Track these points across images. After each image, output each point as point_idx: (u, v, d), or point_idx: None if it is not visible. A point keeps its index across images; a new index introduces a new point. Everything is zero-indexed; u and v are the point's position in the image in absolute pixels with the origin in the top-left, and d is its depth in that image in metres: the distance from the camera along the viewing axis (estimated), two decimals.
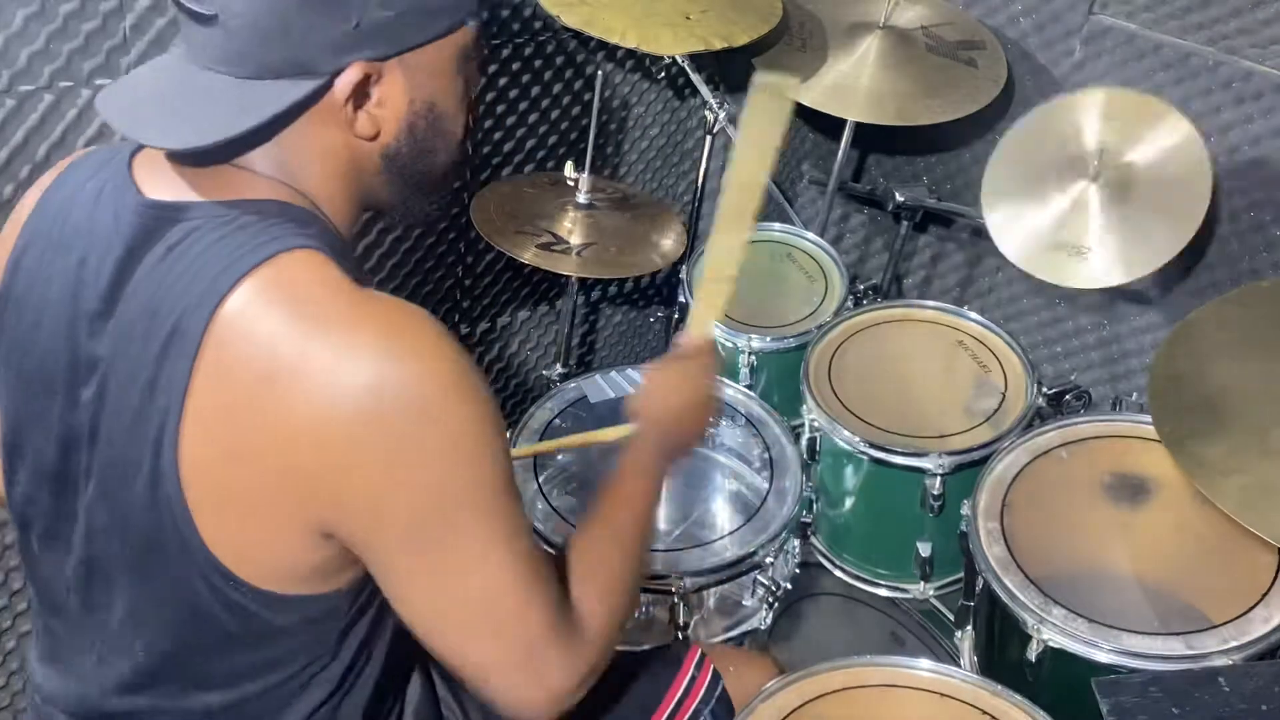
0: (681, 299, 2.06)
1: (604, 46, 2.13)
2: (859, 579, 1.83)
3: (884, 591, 1.81)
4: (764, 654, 1.56)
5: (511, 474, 0.95)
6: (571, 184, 1.98)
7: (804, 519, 1.82)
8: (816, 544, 1.86)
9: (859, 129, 2.12)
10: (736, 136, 1.27)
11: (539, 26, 2.01)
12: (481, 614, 0.94)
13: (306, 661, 1.01)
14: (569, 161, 1.97)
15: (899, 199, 2.18)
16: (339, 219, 1.01)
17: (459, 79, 1.03)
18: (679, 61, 2.10)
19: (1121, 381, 2.15)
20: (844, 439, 1.71)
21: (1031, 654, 1.35)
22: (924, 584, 1.77)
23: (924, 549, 1.72)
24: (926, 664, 1.30)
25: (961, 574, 1.59)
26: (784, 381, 1.93)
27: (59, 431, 0.98)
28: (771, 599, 1.58)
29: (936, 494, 1.66)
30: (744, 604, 1.61)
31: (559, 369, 2.15)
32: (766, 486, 1.68)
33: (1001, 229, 1.85)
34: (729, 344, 1.95)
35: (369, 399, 0.86)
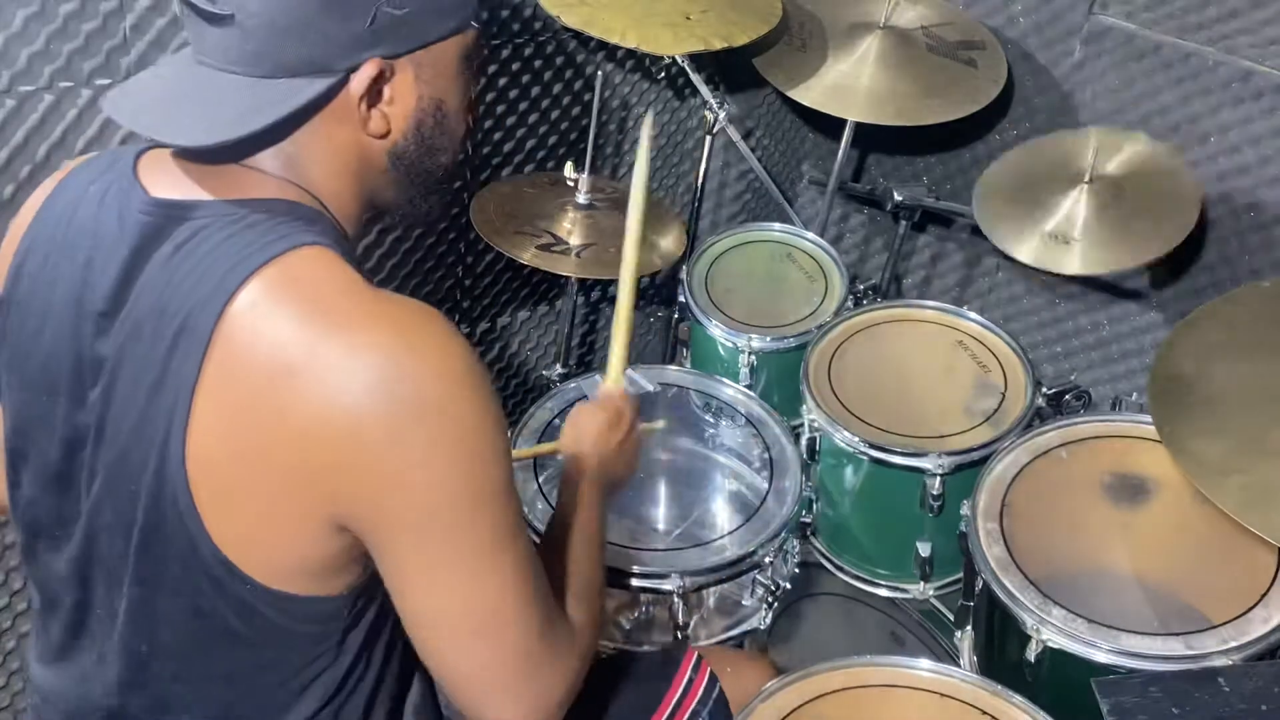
0: (681, 299, 2.06)
1: (604, 46, 2.13)
2: (859, 579, 1.83)
3: (884, 591, 1.81)
4: (761, 655, 1.57)
5: (512, 474, 0.96)
6: (571, 184, 1.97)
7: (804, 519, 1.83)
8: (816, 544, 1.86)
9: (859, 129, 2.13)
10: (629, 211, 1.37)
11: (539, 26, 2.01)
12: (479, 614, 0.94)
13: (307, 663, 1.01)
14: (569, 161, 1.97)
15: (898, 198, 2.18)
16: (345, 218, 1.02)
17: (463, 78, 1.04)
18: (679, 61, 2.11)
19: (1121, 381, 2.16)
20: (844, 439, 1.71)
21: (1031, 654, 1.35)
22: (924, 584, 1.77)
23: (924, 549, 1.72)
24: (926, 664, 1.30)
25: (961, 574, 1.59)
26: (784, 381, 1.93)
27: (63, 433, 0.98)
28: (771, 599, 1.59)
29: (936, 494, 1.67)
30: (744, 604, 1.61)
31: (559, 369, 2.15)
32: (766, 486, 1.68)
33: (991, 222, 1.88)
34: (729, 344, 1.95)
35: (380, 396, 0.87)
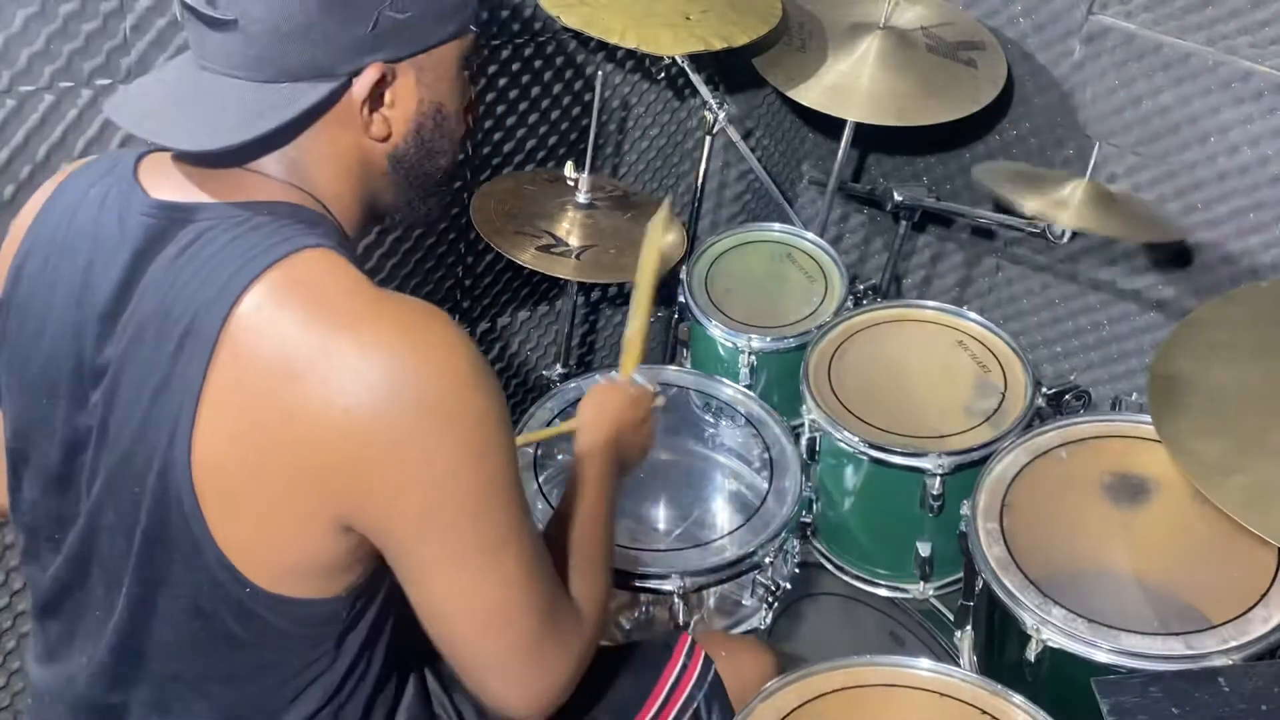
0: (681, 299, 2.06)
1: (604, 47, 2.13)
2: (859, 579, 1.83)
3: (884, 591, 1.81)
4: (754, 638, 1.56)
5: (518, 469, 0.97)
6: (571, 184, 1.98)
7: (804, 519, 1.83)
8: (816, 544, 1.86)
9: (859, 129, 2.13)
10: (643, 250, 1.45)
11: (539, 27, 2.01)
12: (490, 604, 0.95)
13: (306, 664, 1.02)
14: (569, 162, 1.97)
15: (897, 198, 2.18)
16: (346, 220, 1.02)
17: (462, 81, 1.05)
18: (679, 62, 2.10)
19: (1121, 381, 2.16)
20: (844, 439, 1.71)
21: (1031, 654, 1.35)
22: (924, 584, 1.77)
23: (924, 549, 1.72)
24: (926, 664, 1.30)
25: (961, 574, 1.59)
26: (784, 381, 1.93)
27: (64, 435, 0.98)
28: (771, 599, 1.59)
29: (936, 494, 1.67)
30: (744, 604, 1.61)
31: (559, 369, 2.15)
32: (766, 486, 1.68)
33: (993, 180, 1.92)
34: (729, 344, 1.95)
35: (386, 396, 0.87)
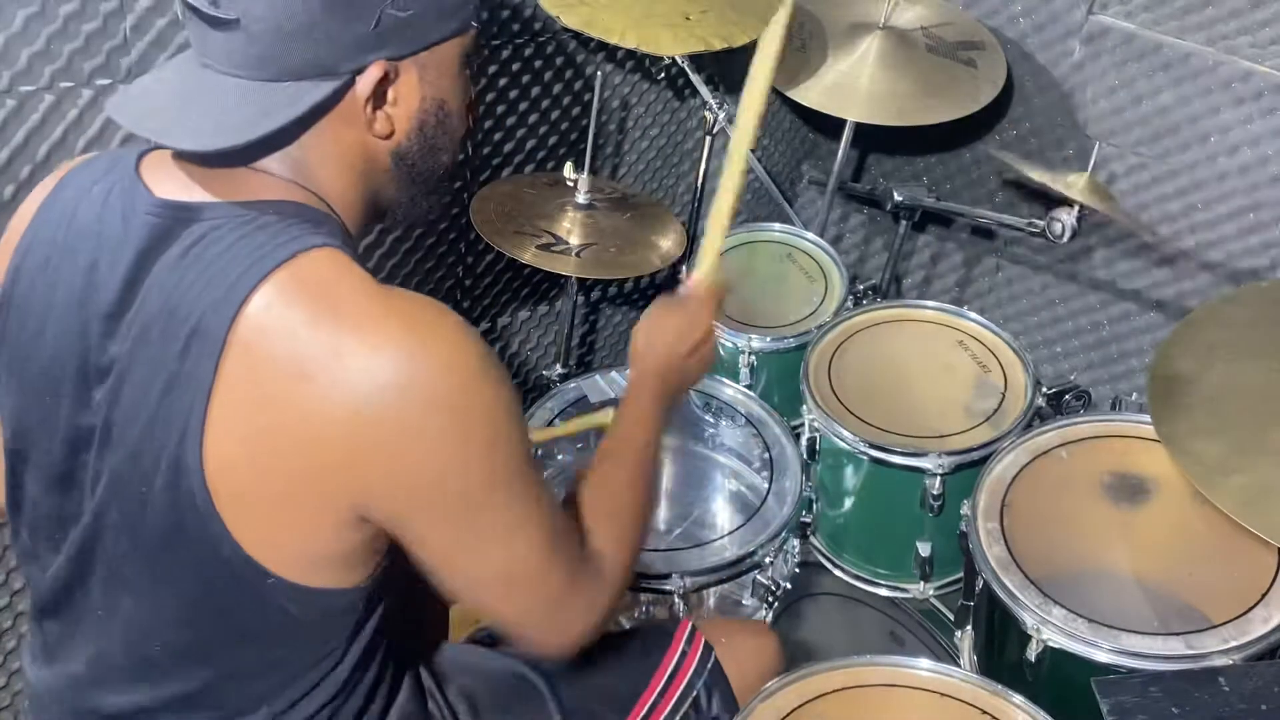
0: None
1: (604, 47, 2.13)
2: (859, 579, 1.83)
3: (884, 591, 1.81)
4: (756, 622, 1.56)
5: (529, 448, 0.99)
6: (571, 184, 1.97)
7: (804, 519, 1.82)
8: (816, 544, 1.86)
9: (859, 129, 2.13)
10: (750, 75, 1.29)
11: (539, 27, 2.01)
12: (512, 576, 1.00)
13: (315, 660, 1.02)
14: (569, 162, 1.96)
15: (898, 198, 2.18)
16: (349, 218, 1.02)
17: (464, 78, 1.05)
18: (679, 62, 2.10)
19: (1121, 381, 2.16)
20: (844, 439, 1.71)
21: (1031, 654, 1.35)
22: (924, 584, 1.77)
23: (924, 549, 1.72)
24: (926, 664, 1.30)
25: (961, 574, 1.59)
26: (784, 381, 1.93)
27: (66, 433, 0.98)
28: (771, 598, 1.59)
29: (936, 494, 1.66)
30: (744, 603, 1.61)
31: (559, 369, 2.15)
32: (766, 486, 1.68)
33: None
34: (729, 344, 1.95)
35: (397, 393, 0.88)
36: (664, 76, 2.26)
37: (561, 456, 1.72)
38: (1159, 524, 1.49)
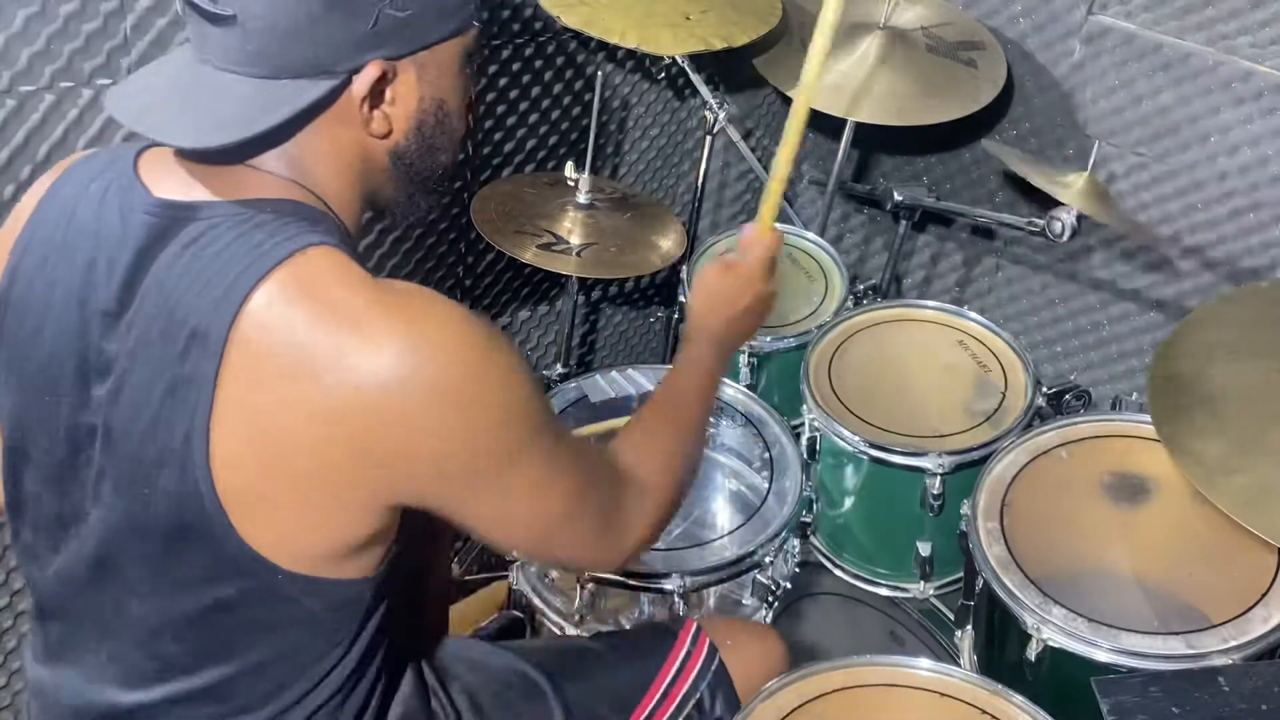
0: (681, 299, 2.06)
1: (604, 47, 2.13)
2: (859, 578, 1.82)
3: (884, 591, 1.81)
4: (760, 623, 1.57)
5: (545, 405, 1.00)
6: (571, 184, 1.98)
7: (804, 519, 1.83)
8: (816, 543, 1.86)
9: (859, 129, 2.12)
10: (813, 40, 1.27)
11: (539, 27, 2.01)
12: (552, 522, 1.03)
13: (324, 652, 1.03)
14: (569, 161, 1.97)
15: (898, 198, 2.18)
16: (347, 216, 1.02)
17: (464, 78, 1.05)
18: (679, 62, 2.11)
19: (1121, 381, 2.16)
20: (844, 438, 1.71)
21: (1031, 653, 1.35)
22: (924, 583, 1.77)
23: (924, 549, 1.72)
24: (926, 664, 1.30)
25: (961, 574, 1.59)
26: (784, 381, 1.93)
27: (66, 432, 0.98)
28: (771, 598, 1.59)
29: (936, 494, 1.66)
30: (744, 603, 1.61)
31: (559, 369, 2.15)
32: (766, 486, 1.68)
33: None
34: None
35: (407, 386, 0.89)
36: (664, 76, 2.26)
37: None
38: (1159, 524, 1.49)
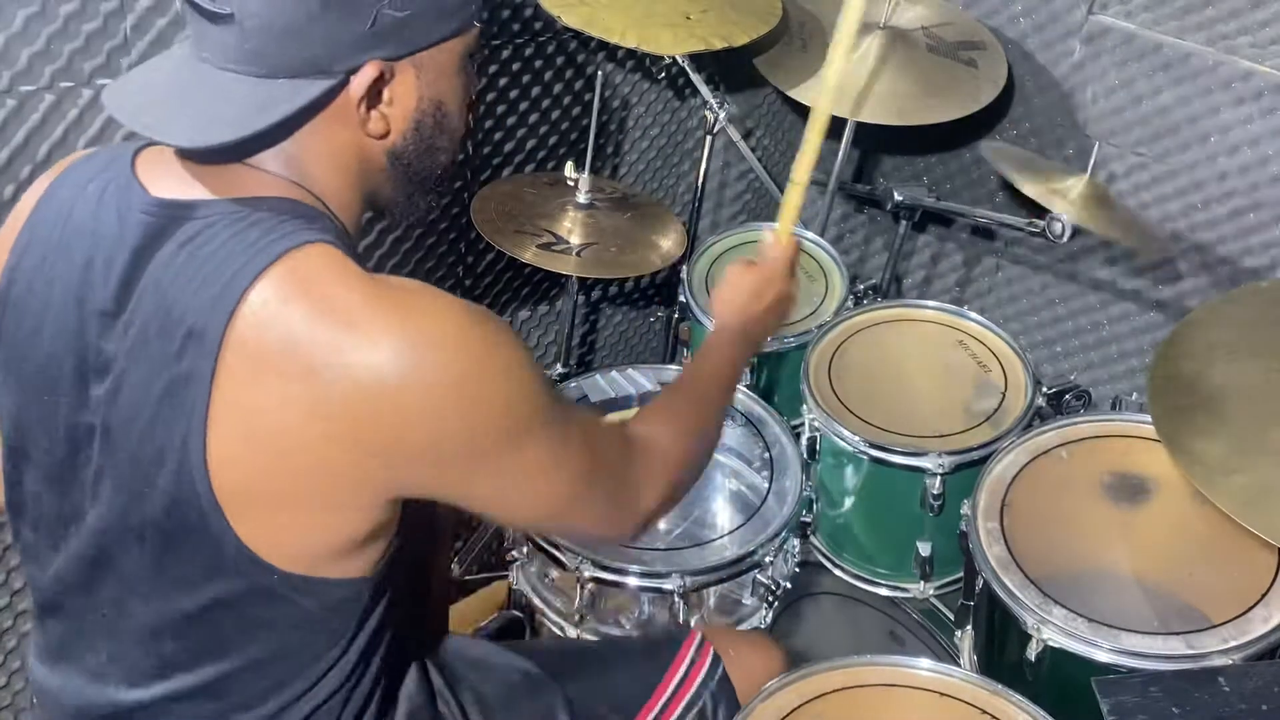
0: (681, 299, 2.05)
1: (604, 46, 2.13)
2: (859, 578, 1.82)
3: (884, 591, 1.81)
4: (765, 635, 1.56)
5: (547, 386, 1.00)
6: (571, 184, 1.98)
7: (804, 518, 1.83)
8: (816, 543, 1.86)
9: (859, 129, 2.12)
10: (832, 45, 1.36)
11: (539, 26, 2.01)
12: (562, 499, 1.03)
13: (324, 650, 1.03)
14: (569, 161, 1.97)
15: (898, 198, 2.18)
16: (345, 216, 1.02)
17: (464, 78, 1.05)
18: (679, 61, 2.10)
19: (1121, 381, 2.16)
20: (844, 438, 1.71)
21: (1031, 653, 1.35)
22: (924, 583, 1.77)
23: (924, 549, 1.72)
24: (926, 664, 1.30)
25: (961, 574, 1.59)
26: (784, 381, 1.93)
27: (65, 431, 0.99)
28: (771, 598, 1.59)
29: (936, 494, 1.67)
30: (744, 603, 1.61)
31: (559, 369, 2.15)
32: (766, 486, 1.68)
33: (1000, 158, 1.90)
34: None
35: (402, 382, 0.89)
36: (664, 76, 2.26)
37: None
38: (1159, 524, 1.49)
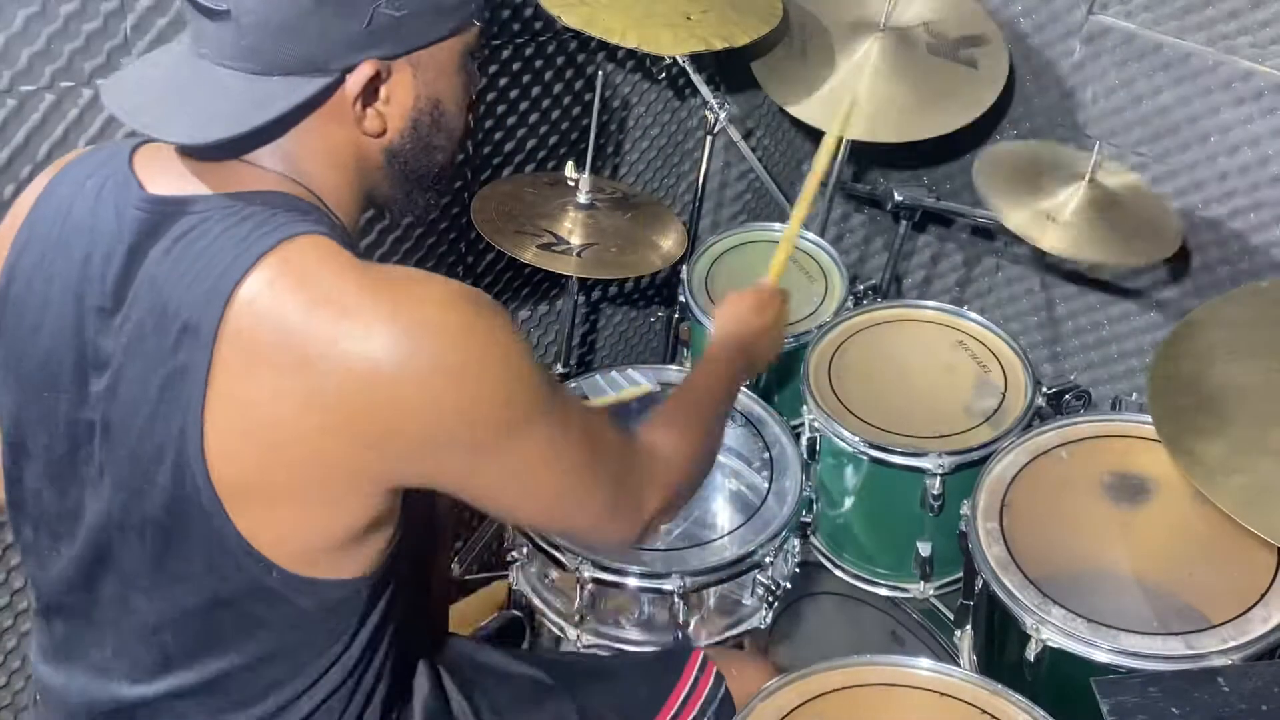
0: (681, 299, 2.05)
1: (604, 46, 2.13)
2: (859, 578, 1.82)
3: (884, 591, 1.81)
4: (764, 657, 1.57)
5: (545, 377, 0.99)
6: (571, 184, 1.98)
7: (804, 518, 1.83)
8: (816, 543, 1.86)
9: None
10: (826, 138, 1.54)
11: (539, 26, 2.01)
12: (562, 495, 1.03)
13: (325, 647, 1.03)
14: (569, 161, 1.97)
15: (898, 198, 2.18)
16: (343, 213, 1.02)
17: (463, 77, 1.05)
18: (679, 62, 2.10)
19: (1121, 381, 2.16)
20: (844, 439, 1.71)
21: (1031, 654, 1.35)
22: (924, 583, 1.77)
23: (924, 549, 1.72)
24: (926, 663, 1.30)
25: (961, 574, 1.59)
26: (784, 381, 1.93)
27: (66, 428, 0.99)
28: (771, 598, 1.59)
29: (936, 494, 1.67)
30: (744, 603, 1.61)
31: (559, 369, 2.15)
32: (766, 486, 1.68)
33: (989, 187, 1.91)
34: None
35: (397, 370, 0.88)
36: (665, 76, 2.26)
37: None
38: (1159, 524, 1.49)
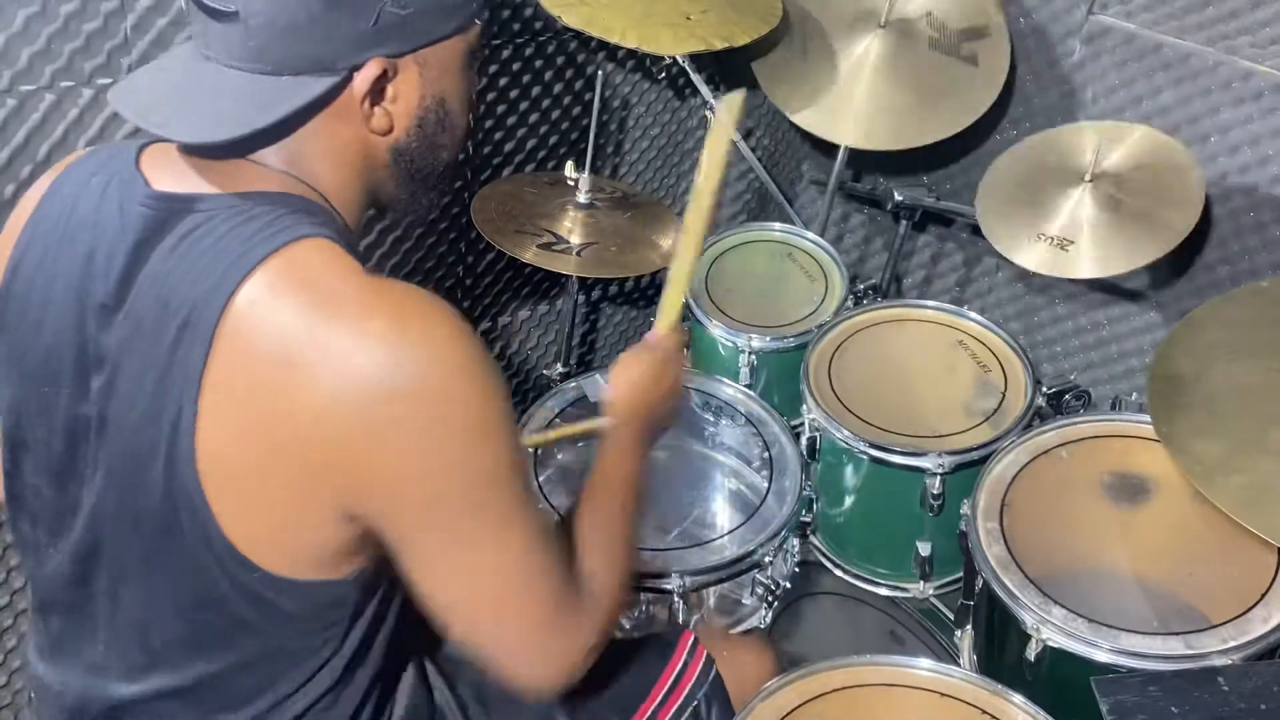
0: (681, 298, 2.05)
1: (604, 46, 2.13)
2: (859, 578, 1.83)
3: (884, 591, 1.82)
4: (756, 636, 1.56)
5: (521, 453, 0.97)
6: (571, 184, 1.98)
7: (804, 518, 1.83)
8: (816, 543, 1.86)
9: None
10: (702, 158, 1.31)
11: (539, 26, 2.01)
12: (497, 591, 0.97)
13: (315, 648, 1.02)
14: (569, 161, 1.97)
15: (898, 198, 2.18)
16: (347, 212, 1.02)
17: (466, 75, 1.05)
18: (679, 61, 2.11)
19: (1121, 381, 2.16)
20: (844, 438, 1.71)
21: (1031, 653, 1.35)
22: (924, 583, 1.77)
23: (924, 548, 1.72)
24: (926, 663, 1.30)
25: (961, 573, 1.59)
26: (784, 381, 1.93)
27: (65, 424, 0.99)
28: (771, 598, 1.59)
29: (936, 493, 1.67)
30: (744, 603, 1.61)
31: (559, 369, 2.15)
32: (766, 486, 1.68)
33: (993, 225, 1.88)
34: (729, 344, 1.95)
35: (384, 385, 0.87)
36: (664, 76, 2.26)
37: (560, 456, 1.72)
38: (1159, 524, 1.49)
